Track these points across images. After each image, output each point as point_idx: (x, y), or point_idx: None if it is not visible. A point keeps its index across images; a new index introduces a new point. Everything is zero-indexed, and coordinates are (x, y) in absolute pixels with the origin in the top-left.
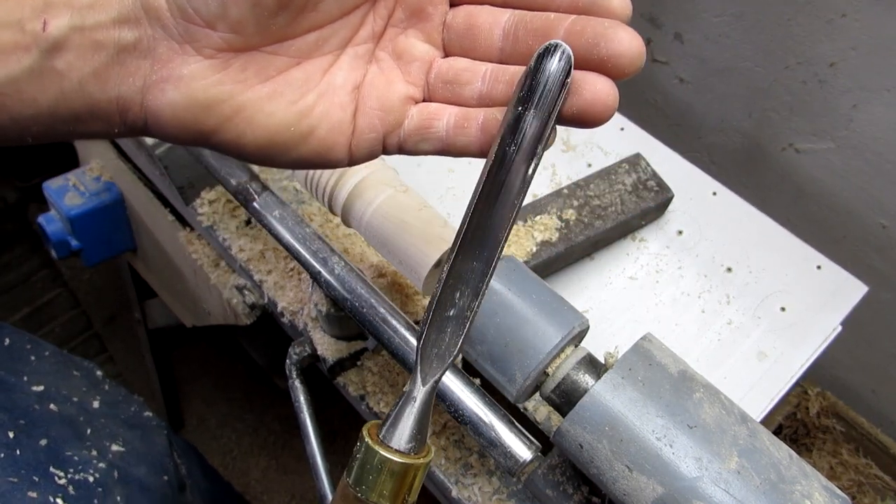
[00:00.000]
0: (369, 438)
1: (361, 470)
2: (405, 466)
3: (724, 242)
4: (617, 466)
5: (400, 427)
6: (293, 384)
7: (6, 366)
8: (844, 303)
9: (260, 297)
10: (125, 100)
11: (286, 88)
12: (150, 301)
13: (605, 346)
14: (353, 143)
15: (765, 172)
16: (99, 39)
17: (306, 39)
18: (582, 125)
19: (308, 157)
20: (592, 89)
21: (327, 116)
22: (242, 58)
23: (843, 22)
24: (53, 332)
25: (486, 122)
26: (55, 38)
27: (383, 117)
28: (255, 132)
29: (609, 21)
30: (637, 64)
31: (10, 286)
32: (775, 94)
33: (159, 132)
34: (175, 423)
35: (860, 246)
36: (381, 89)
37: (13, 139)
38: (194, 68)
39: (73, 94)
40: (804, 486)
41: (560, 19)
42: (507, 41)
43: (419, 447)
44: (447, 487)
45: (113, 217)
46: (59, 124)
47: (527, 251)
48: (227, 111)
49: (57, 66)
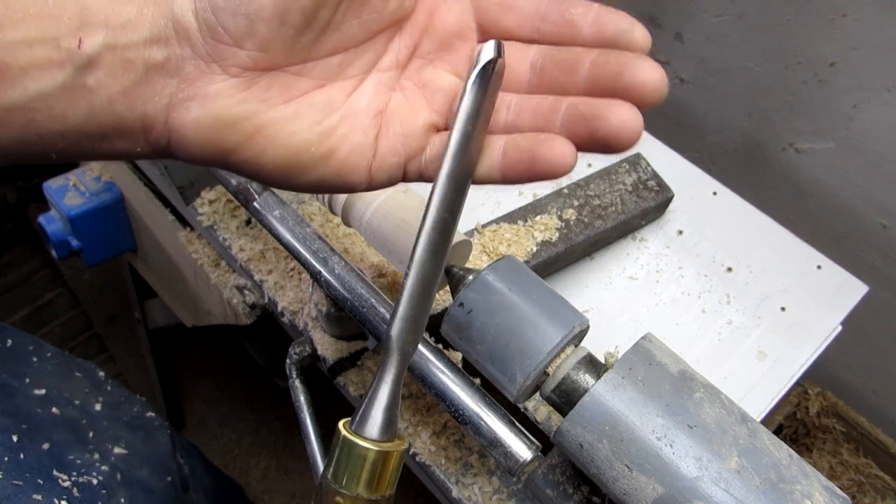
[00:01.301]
0: (344, 430)
1: (338, 463)
2: (380, 455)
3: (725, 242)
4: (617, 466)
5: (371, 417)
6: (293, 384)
7: (8, 368)
8: (845, 302)
9: (260, 296)
10: (150, 118)
11: (309, 109)
12: (151, 301)
13: (605, 345)
14: (373, 166)
15: (765, 172)
16: (130, 58)
17: (330, 62)
18: (608, 150)
19: (327, 179)
20: (619, 116)
21: (349, 138)
22: (267, 77)
23: (844, 22)
24: (54, 332)
25: (507, 147)
26: (89, 56)
27: (406, 143)
28: (276, 151)
29: (632, 53)
30: (660, 92)
31: (10, 286)
32: (776, 93)
33: (181, 151)
34: (176, 423)
35: (860, 246)
36: (404, 116)
37: (37, 155)
38: (220, 87)
39: (102, 111)
40: (804, 486)
41: (586, 53)
42: (535, 74)
43: (392, 436)
44: (447, 487)
45: (113, 217)
46: (85, 141)
47: (527, 251)
48: (249, 129)
49: (88, 84)
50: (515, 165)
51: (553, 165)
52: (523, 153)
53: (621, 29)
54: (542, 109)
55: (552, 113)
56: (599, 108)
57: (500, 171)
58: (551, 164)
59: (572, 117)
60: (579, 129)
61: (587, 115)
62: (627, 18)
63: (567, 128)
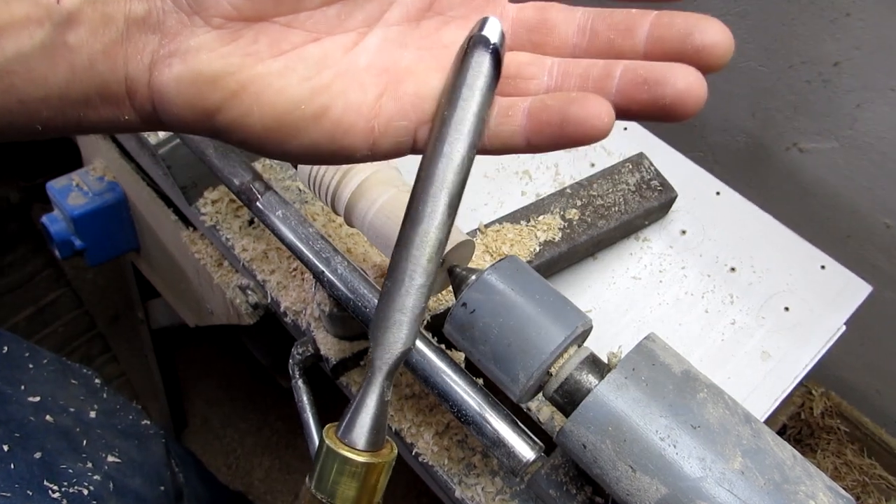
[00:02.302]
0: (328, 439)
1: (321, 471)
2: (367, 466)
3: (728, 242)
4: (620, 466)
5: (357, 425)
6: (296, 384)
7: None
8: (849, 302)
9: (263, 296)
10: (132, 79)
11: (300, 64)
12: (154, 301)
13: (608, 345)
14: (376, 129)
15: (769, 172)
16: (110, 13)
17: (326, 13)
18: (670, 118)
19: (321, 143)
20: (685, 80)
21: (343, 95)
22: (254, 29)
23: (848, 21)
24: (57, 332)
25: (533, 107)
26: (69, 11)
27: (418, 104)
28: (263, 110)
29: (696, 14)
30: (728, 55)
31: (13, 286)
32: (779, 93)
33: (166, 114)
34: (178, 423)
35: (864, 245)
36: (419, 75)
37: (22, 127)
38: (201, 40)
39: (83, 72)
40: (808, 487)
41: (643, 13)
42: (583, 36)
43: (379, 445)
44: (450, 487)
45: (116, 217)
46: (69, 108)
47: (530, 251)
48: (233, 85)
49: (68, 41)
50: (543, 128)
51: (588, 128)
52: (552, 114)
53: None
54: (593, 74)
55: (605, 79)
56: (662, 71)
57: (524, 135)
58: (585, 127)
59: (632, 82)
60: (640, 96)
61: (649, 80)
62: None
63: (625, 94)
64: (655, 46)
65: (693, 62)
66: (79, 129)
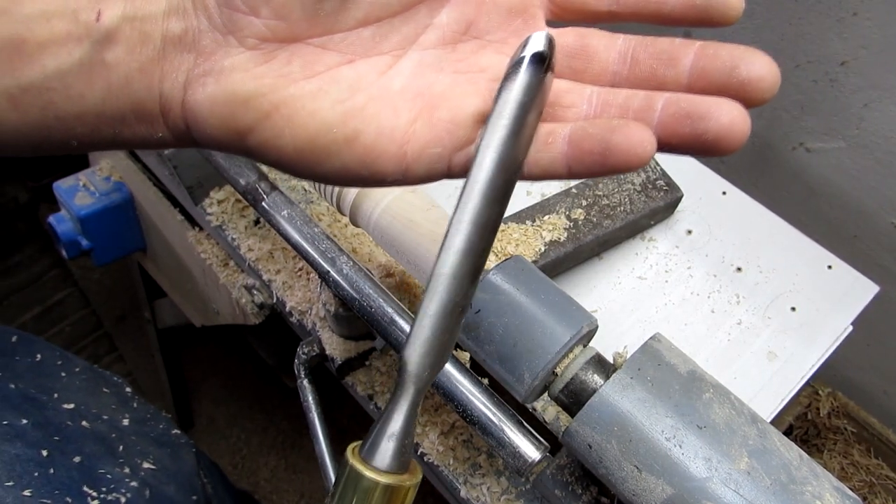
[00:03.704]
0: (352, 458)
1: (343, 493)
2: (388, 489)
3: (734, 242)
4: (626, 467)
5: (382, 446)
6: (302, 384)
7: (37, 383)
8: (855, 303)
9: (269, 296)
10: (167, 98)
11: (333, 86)
12: (160, 301)
13: (613, 346)
14: (409, 155)
15: (775, 172)
16: (148, 31)
17: (361, 34)
18: (711, 153)
19: (352, 167)
20: (729, 115)
21: (376, 119)
22: (288, 50)
23: (855, 20)
24: (64, 332)
25: (574, 134)
26: (107, 29)
27: (453, 131)
28: (295, 132)
29: (742, 46)
30: (774, 90)
31: (20, 286)
32: (786, 93)
33: (199, 133)
34: (184, 422)
35: (871, 245)
36: (453, 101)
37: (58, 143)
38: (236, 60)
39: (120, 90)
40: (815, 487)
41: (687, 44)
42: (624, 64)
43: (404, 467)
44: (456, 487)
45: (123, 217)
46: (105, 125)
47: (535, 251)
48: (266, 106)
49: (106, 59)
50: (584, 157)
51: (631, 156)
52: (594, 142)
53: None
54: (633, 105)
55: (646, 111)
56: (706, 105)
57: (565, 163)
58: (628, 155)
59: (674, 115)
60: (682, 130)
61: (692, 114)
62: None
63: (666, 126)
64: (700, 78)
65: (737, 95)
66: (113, 144)
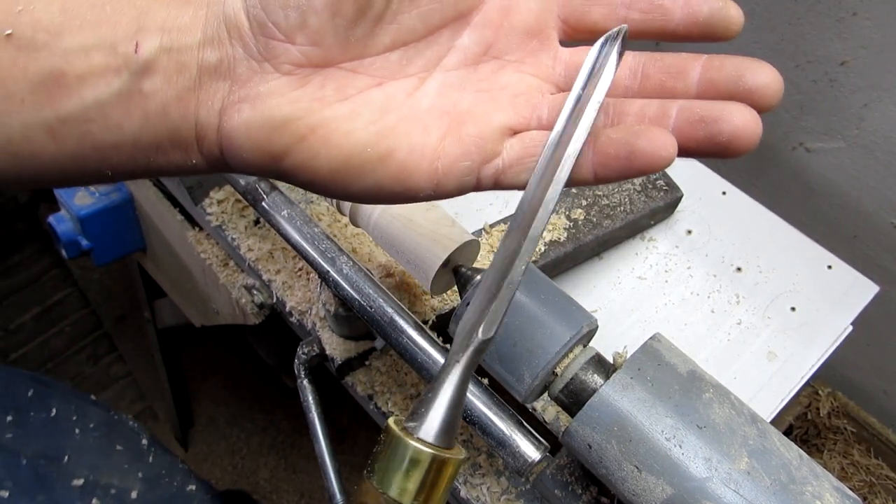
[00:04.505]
0: (396, 428)
1: (386, 463)
2: (436, 461)
3: (734, 242)
4: (626, 467)
5: (430, 418)
6: (302, 384)
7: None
8: (855, 302)
9: (268, 296)
10: (202, 125)
11: (365, 108)
12: (160, 301)
13: (613, 345)
14: (440, 171)
15: (775, 172)
16: (184, 62)
17: (389, 58)
18: (727, 154)
19: (386, 185)
20: (742, 117)
21: (408, 137)
22: (322, 74)
23: (854, 20)
24: (63, 332)
25: (599, 142)
26: (146, 60)
27: (481, 145)
28: (331, 152)
29: (746, 57)
30: (779, 97)
31: (21, 286)
32: (785, 92)
33: (234, 158)
34: (184, 422)
35: (871, 245)
36: (479, 116)
37: (92, 172)
38: (271, 86)
39: (156, 119)
40: (815, 487)
41: (694, 57)
42: (634, 79)
43: (450, 441)
44: (455, 487)
45: (123, 217)
46: (140, 154)
47: (535, 251)
48: (301, 130)
49: (144, 89)
50: (610, 162)
51: (655, 159)
52: (619, 146)
53: (715, 8)
54: (649, 114)
55: (662, 118)
56: (719, 109)
57: (592, 169)
58: (654, 158)
59: (688, 120)
60: (697, 133)
61: (706, 118)
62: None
63: (682, 131)
64: (708, 88)
65: (744, 103)
66: (146, 173)
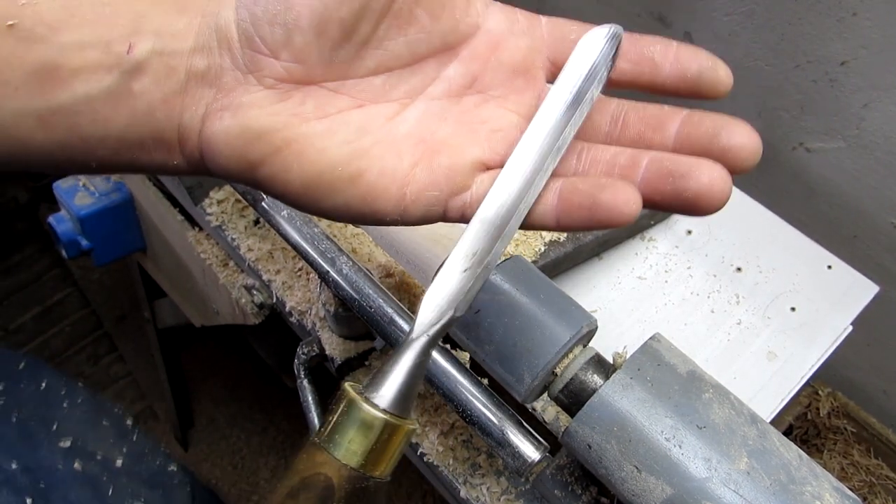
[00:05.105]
0: (352, 391)
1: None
2: (388, 427)
3: (734, 242)
4: (626, 467)
5: (386, 386)
6: (301, 384)
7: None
8: (855, 303)
9: (268, 296)
10: (185, 128)
11: (342, 128)
12: (160, 301)
13: (613, 346)
14: (408, 196)
15: (775, 172)
16: (174, 66)
17: (372, 82)
18: (693, 212)
19: (354, 204)
20: (709, 175)
21: (380, 160)
22: (303, 91)
23: (855, 20)
24: (63, 332)
25: (565, 188)
26: (137, 61)
27: (451, 177)
28: (303, 167)
29: (726, 116)
30: (755, 158)
31: (21, 286)
32: (785, 92)
33: (213, 163)
34: (184, 422)
35: (871, 245)
36: (453, 148)
37: (79, 163)
38: (253, 97)
39: (142, 118)
40: (814, 487)
41: (675, 111)
42: (615, 126)
43: (405, 410)
44: (455, 487)
45: (123, 217)
46: (125, 150)
47: (535, 251)
48: (277, 142)
49: (133, 89)
50: (573, 211)
51: (616, 214)
52: (583, 197)
53: (705, 67)
54: (620, 162)
55: (631, 168)
56: (687, 165)
57: (554, 215)
58: (614, 213)
59: (657, 173)
60: (664, 187)
61: (674, 173)
62: (709, 56)
63: (649, 183)
64: (684, 143)
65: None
66: (130, 168)
